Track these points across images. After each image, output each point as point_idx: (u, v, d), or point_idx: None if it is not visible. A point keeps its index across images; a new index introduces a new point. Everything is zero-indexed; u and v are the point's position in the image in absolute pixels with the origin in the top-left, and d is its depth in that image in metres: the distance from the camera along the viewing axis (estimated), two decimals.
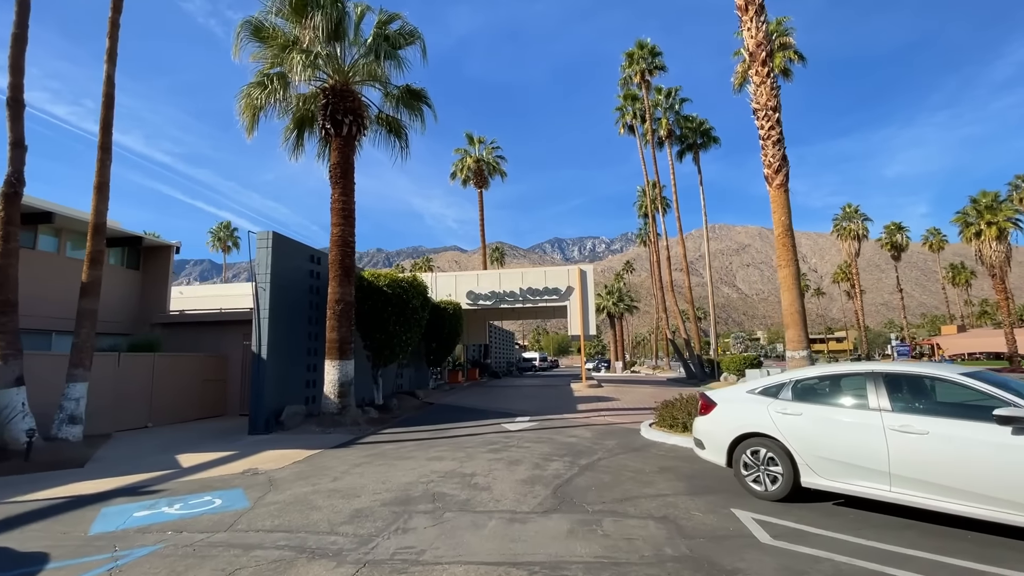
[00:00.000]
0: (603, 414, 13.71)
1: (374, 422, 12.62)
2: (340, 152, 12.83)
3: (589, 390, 22.30)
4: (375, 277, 14.84)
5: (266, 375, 11.71)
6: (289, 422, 11.75)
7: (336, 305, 12.23)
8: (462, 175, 38.03)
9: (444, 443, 9.79)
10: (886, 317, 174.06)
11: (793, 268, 10.46)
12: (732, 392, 6.34)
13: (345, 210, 12.62)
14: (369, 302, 14.62)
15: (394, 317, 14.77)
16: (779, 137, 10.84)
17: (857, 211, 58.02)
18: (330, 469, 7.79)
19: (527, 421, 12.46)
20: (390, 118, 14.86)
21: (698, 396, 6.89)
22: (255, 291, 12.00)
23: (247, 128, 13.07)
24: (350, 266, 12.56)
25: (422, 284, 16.06)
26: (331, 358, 12.10)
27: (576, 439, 9.86)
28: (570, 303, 24.04)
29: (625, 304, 53.54)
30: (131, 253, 16.84)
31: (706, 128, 34.56)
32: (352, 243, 12.71)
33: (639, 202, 52.49)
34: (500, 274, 25.01)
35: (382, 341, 14.85)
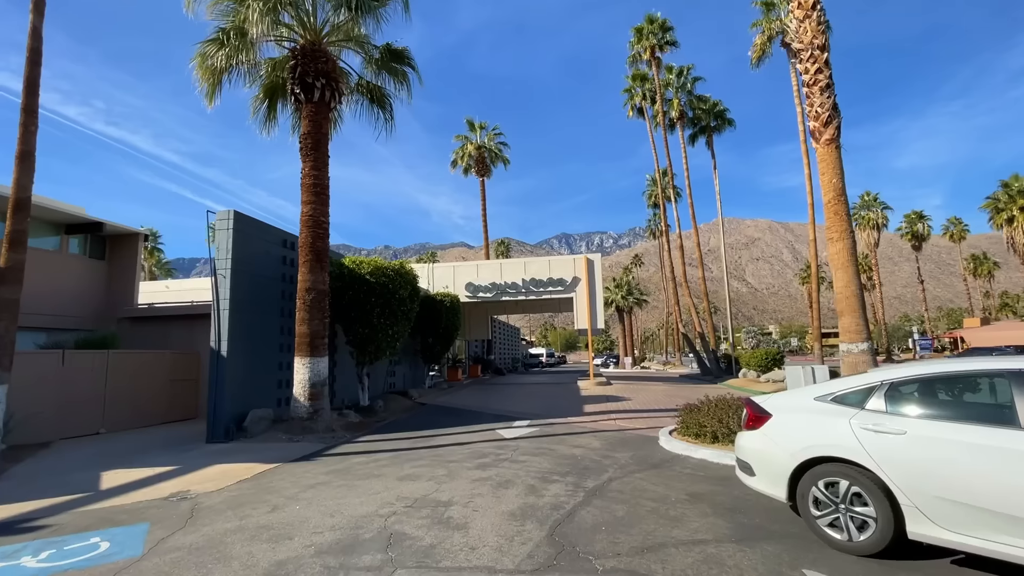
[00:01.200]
0: (613, 417, 12.10)
1: (352, 427, 11.10)
2: (311, 120, 11.27)
3: (597, 388, 20.69)
4: (357, 264, 13.31)
5: (227, 375, 10.22)
6: (253, 429, 10.26)
7: (306, 294, 10.70)
8: (463, 163, 36.43)
9: (424, 455, 8.24)
10: (899, 311, 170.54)
11: (848, 242, 8.69)
12: (791, 399, 4.71)
13: (317, 186, 11.07)
14: (350, 292, 13.10)
15: (378, 309, 13.24)
16: (828, 82, 9.02)
17: (876, 199, 55.77)
18: (276, 492, 6.27)
19: (526, 426, 10.88)
20: (372, 86, 13.28)
21: (742, 402, 5.26)
22: (213, 280, 10.50)
23: (207, 95, 11.55)
24: (323, 250, 11.02)
25: (411, 273, 14.51)
26: (301, 355, 10.58)
27: (582, 450, 8.27)
28: (576, 295, 22.40)
29: (634, 298, 51.75)
30: (95, 242, 15.43)
31: (720, 110, 32.64)
32: (325, 224, 11.16)
33: (648, 191, 50.63)
34: (501, 264, 23.41)
35: (366, 336, 13.33)
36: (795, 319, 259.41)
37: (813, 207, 22.91)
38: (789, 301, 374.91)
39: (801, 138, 23.18)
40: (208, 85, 11.40)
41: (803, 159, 23.14)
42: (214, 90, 11.55)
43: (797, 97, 23.38)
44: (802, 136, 23.28)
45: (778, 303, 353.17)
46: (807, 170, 23.05)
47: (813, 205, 22.92)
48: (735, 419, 7.41)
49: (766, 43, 24.21)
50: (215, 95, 11.63)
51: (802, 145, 23.23)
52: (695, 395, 18.02)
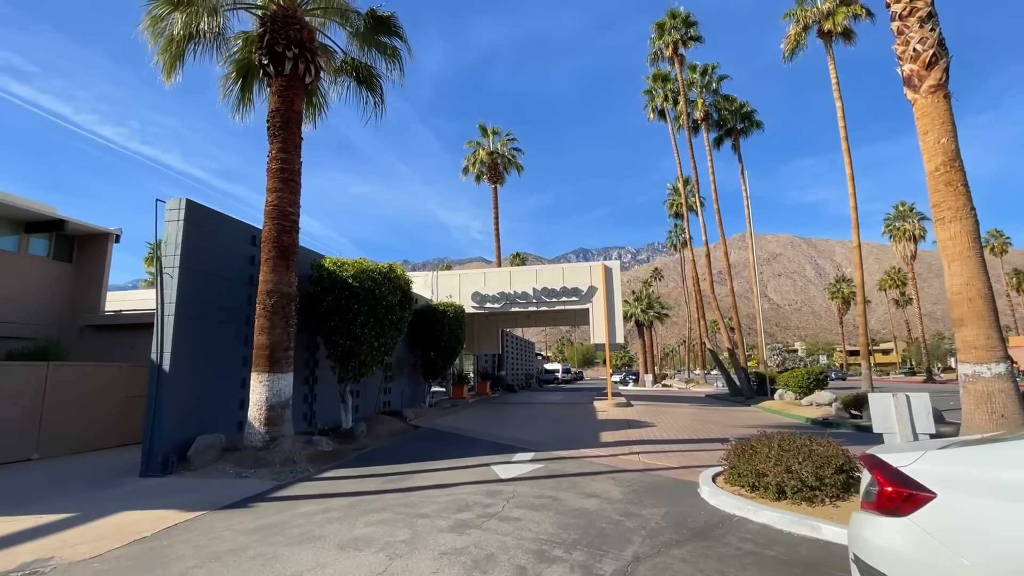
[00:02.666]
0: (636, 450, 10.04)
1: (321, 458, 9.25)
2: (281, 96, 9.67)
3: (616, 410, 18.55)
4: (338, 266, 11.60)
5: (169, 394, 8.50)
6: (198, 460, 8.49)
7: (267, 297, 8.98)
8: (474, 169, 34.92)
9: (391, 504, 6.33)
10: (930, 328, 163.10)
11: (968, 223, 6.46)
12: (969, 464, 2.70)
13: (285, 171, 9.41)
14: (330, 298, 11.38)
15: (362, 317, 11.47)
16: (930, 10, 6.96)
17: (912, 209, 52.63)
18: (165, 564, 4.45)
19: (529, 461, 8.90)
20: (358, 64, 11.70)
21: (861, 462, 3.19)
22: (159, 280, 8.85)
23: (165, 70, 10.06)
24: (289, 246, 9.31)
25: (402, 277, 12.75)
26: (259, 370, 8.82)
27: (597, 502, 6.26)
28: (593, 306, 20.40)
29: (655, 311, 49.33)
30: (61, 243, 14.05)
31: (747, 111, 30.60)
32: (293, 215, 9.47)
33: (670, 200, 48.50)
34: (511, 272, 21.56)
35: (348, 348, 11.56)
36: (820, 336, 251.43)
37: (857, 219, 20.71)
38: (813, 318, 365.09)
39: (843, 135, 21.02)
40: (166, 57, 9.92)
41: (844, 158, 20.98)
42: (174, 64, 10.05)
43: (837, 91, 21.30)
44: (843, 134, 21.14)
45: (801, 320, 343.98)
46: (851, 184, 20.88)
47: (857, 211, 20.71)
48: (809, 467, 5.36)
49: (800, 33, 22.25)
50: (175, 70, 10.13)
51: (843, 143, 21.06)
52: (729, 420, 15.87)
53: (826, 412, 15.56)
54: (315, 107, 12.46)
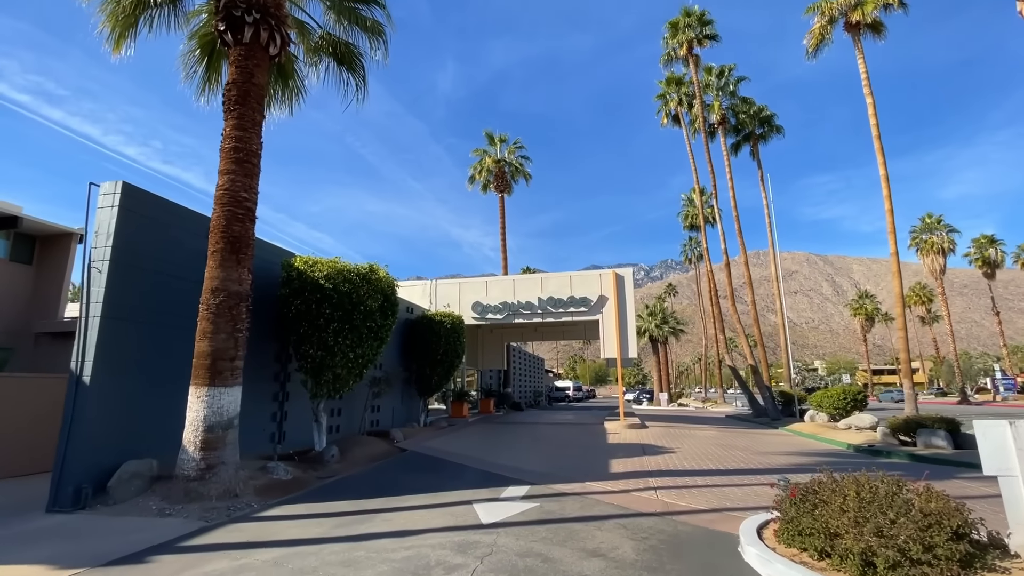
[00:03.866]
0: (653, 483, 8.34)
1: (272, 489, 7.72)
2: (239, 67, 8.39)
3: (628, 432, 16.77)
4: (309, 265, 10.20)
5: (90, 412, 7.09)
6: (120, 491, 7.01)
7: (212, 297, 7.56)
8: (481, 178, 33.73)
9: (327, 561, 4.76)
10: (952, 348, 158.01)
11: None
12: None
13: (240, 151, 8.07)
14: (298, 301, 9.96)
15: (335, 324, 10.02)
16: None
17: (940, 221, 50.26)
18: None
19: (520, 499, 7.26)
20: (336, 41, 10.48)
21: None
22: (84, 275, 7.51)
23: (113, 40, 8.90)
24: (241, 237, 7.92)
25: (384, 280, 11.30)
26: (197, 383, 7.37)
27: (602, 566, 4.62)
28: (603, 317, 18.76)
29: (670, 327, 47.28)
30: (21, 243, 12.89)
31: (767, 115, 29.08)
32: (248, 203, 8.10)
33: (685, 211, 46.80)
34: (514, 281, 20.03)
35: (320, 360, 10.09)
36: (838, 354, 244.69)
37: (894, 224, 18.96)
38: (831, 336, 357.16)
39: (875, 133, 19.37)
40: (113, 25, 8.75)
41: (877, 158, 19.28)
42: (124, 33, 8.89)
43: (867, 87, 19.73)
44: (875, 132, 19.49)
45: (819, 338, 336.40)
46: (885, 185, 19.18)
47: (893, 214, 18.95)
48: (910, 529, 3.69)
49: (825, 27, 20.75)
50: (125, 40, 8.95)
51: (876, 142, 19.40)
52: (758, 446, 14.01)
53: (870, 437, 13.66)
54: (292, 91, 11.25)
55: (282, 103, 11.26)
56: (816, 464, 10.92)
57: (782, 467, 9.90)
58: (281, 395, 11.13)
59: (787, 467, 9.92)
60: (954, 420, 12.18)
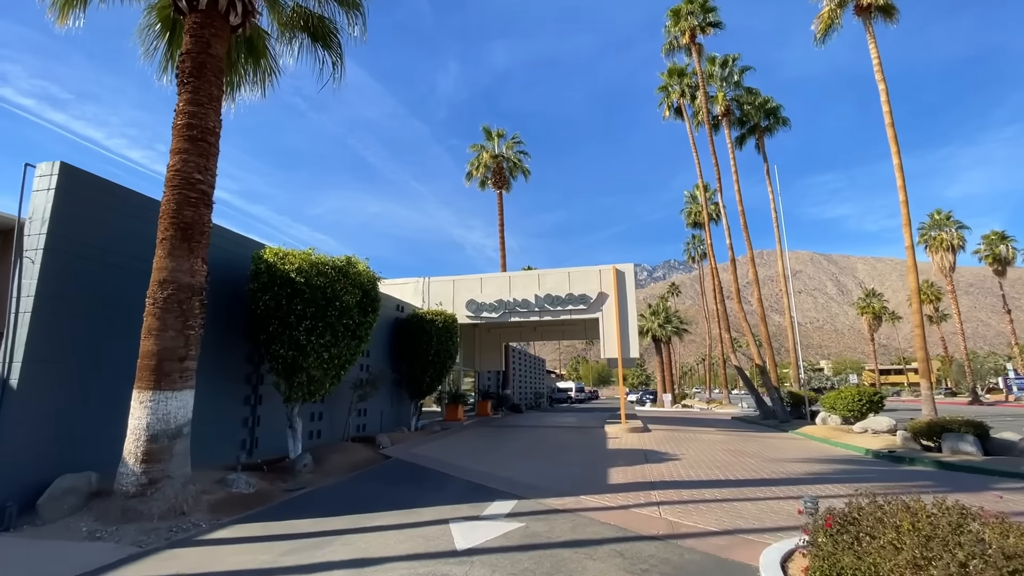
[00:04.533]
0: (655, 497, 7.47)
1: (229, 505, 6.88)
2: (195, 36, 7.58)
3: (630, 436, 15.89)
4: (279, 257, 9.37)
5: (18, 419, 6.28)
6: (50, 510, 6.18)
7: (159, 289, 6.74)
8: (478, 174, 32.84)
9: None
10: (959, 347, 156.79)
11: None
12: None
13: (194, 127, 7.25)
14: (267, 296, 9.14)
15: (308, 321, 9.19)
16: None
17: (949, 218, 49.16)
18: None
19: (505, 517, 6.40)
20: (310, 15, 9.65)
21: None
22: (14, 266, 6.70)
23: (58, 9, 8.10)
24: (194, 223, 7.08)
25: (364, 274, 10.47)
26: (141, 386, 6.54)
27: None
28: (603, 315, 17.88)
29: (673, 326, 46.31)
30: None
31: (772, 106, 28.16)
32: (203, 185, 7.26)
33: (688, 209, 45.85)
34: (510, 278, 19.15)
35: (292, 361, 9.26)
36: (843, 354, 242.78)
37: (909, 215, 18.06)
38: (836, 336, 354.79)
39: (888, 120, 18.47)
40: None
41: (891, 147, 18.38)
42: (70, 1, 8.08)
43: (879, 73, 18.80)
44: (888, 120, 18.60)
45: (823, 338, 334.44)
46: (899, 175, 18.30)
47: (909, 216, 18.09)
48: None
49: (835, 11, 19.83)
50: (73, 9, 8.15)
51: (889, 130, 18.50)
52: (769, 451, 13.07)
53: (889, 442, 12.74)
54: (264, 70, 10.42)
55: (254, 84, 10.44)
56: (835, 473, 10.05)
57: (798, 476, 9.02)
58: (254, 398, 10.31)
59: (804, 476, 9.03)
60: (982, 424, 11.26)
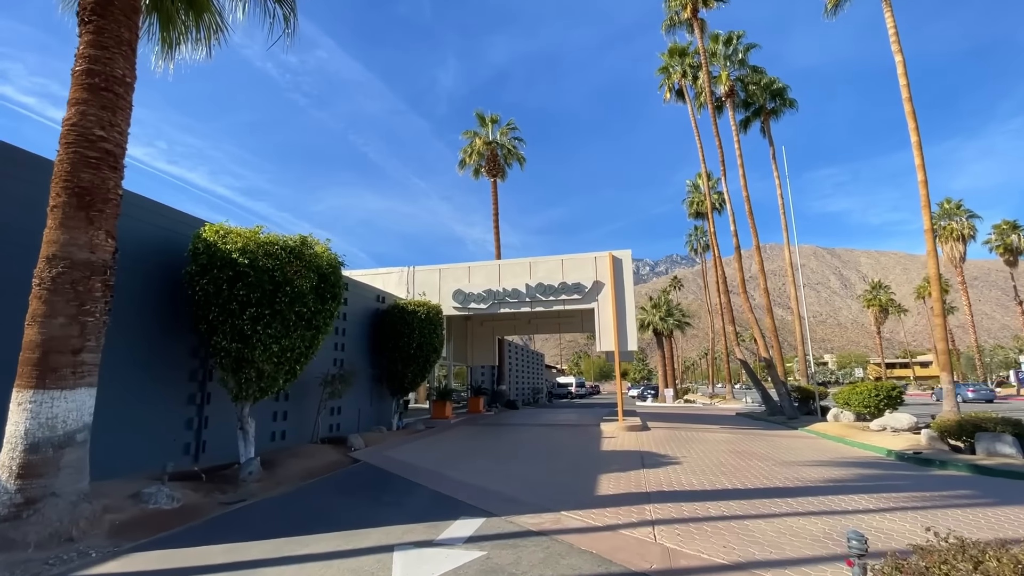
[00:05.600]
0: (650, 514, 6.29)
1: (137, 526, 5.73)
2: None
3: (627, 435, 14.72)
4: (220, 236, 8.19)
5: None
6: None
7: (48, 267, 5.58)
8: (472, 162, 31.61)
9: None
10: (962, 340, 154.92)
11: None
12: None
13: (97, 74, 6.06)
14: (205, 280, 7.97)
15: (253, 309, 8.02)
16: None
17: (959, 207, 47.80)
18: None
19: (463, 543, 5.23)
20: None
21: None
22: None
23: None
24: (94, 188, 5.90)
25: (323, 256, 9.28)
26: (22, 384, 5.39)
27: None
28: (599, 305, 16.68)
29: (675, 319, 45.07)
30: None
31: (779, 87, 26.84)
32: (106, 144, 6.07)
33: (690, 198, 44.53)
34: (500, 265, 17.97)
35: (237, 354, 8.09)
36: (846, 348, 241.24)
37: (928, 196, 16.87)
38: (839, 330, 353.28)
39: (905, 95, 17.21)
40: None
41: (909, 123, 17.12)
42: None
43: (896, 42, 17.52)
44: (906, 94, 17.35)
45: (827, 332, 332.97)
46: (918, 154, 17.09)
47: (928, 198, 16.88)
48: None
49: None
50: None
51: (906, 105, 17.23)
52: (779, 452, 11.82)
53: (912, 442, 11.54)
54: (209, 27, 9.23)
55: (197, 42, 9.25)
56: (859, 479, 8.85)
57: (818, 484, 7.84)
58: (200, 397, 9.17)
59: (824, 484, 7.85)
60: (1021, 422, 10.06)
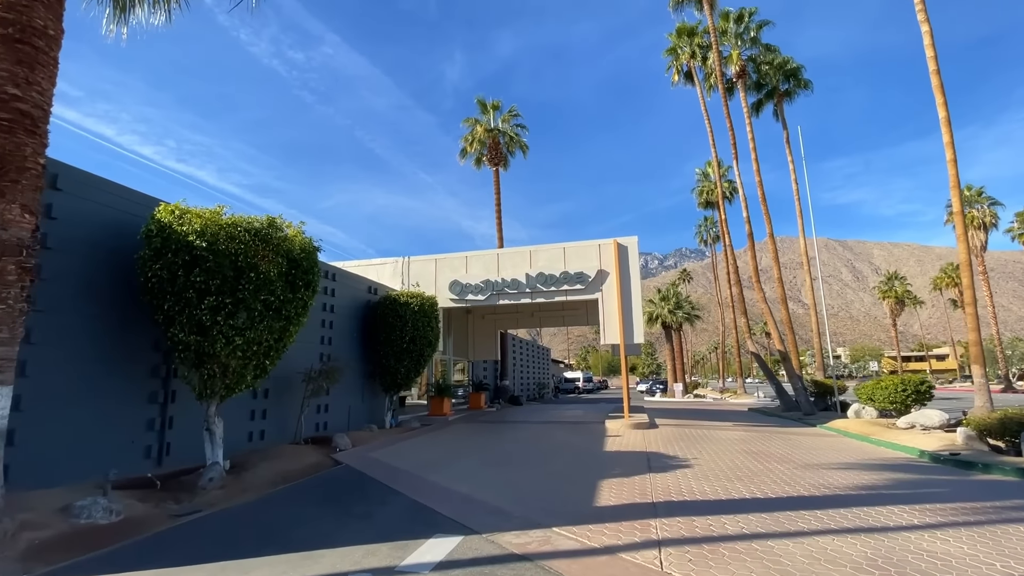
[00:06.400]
0: (655, 532, 5.40)
1: (58, 547, 4.95)
2: None
3: (633, 433, 13.83)
4: (176, 217, 7.37)
5: None
6: None
7: None
8: (473, 150, 30.66)
9: None
10: (983, 334, 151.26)
11: None
12: None
13: (12, 24, 5.22)
14: (158, 265, 7.17)
15: (212, 297, 7.20)
16: None
17: (981, 193, 46.14)
18: None
19: (429, 571, 4.38)
20: None
21: None
22: None
23: None
24: (5, 155, 5.07)
25: (297, 239, 8.45)
26: None
27: None
28: (603, 296, 15.75)
29: (684, 312, 43.97)
30: None
31: (792, 67, 25.60)
32: (20, 103, 5.23)
33: (699, 187, 43.30)
34: (498, 255, 17.07)
35: (197, 347, 7.30)
36: (858, 341, 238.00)
37: (958, 183, 15.82)
38: (851, 323, 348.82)
39: (932, 67, 16.03)
40: None
41: (937, 97, 15.97)
42: None
43: (922, 11, 16.29)
44: (933, 66, 16.16)
45: (838, 325, 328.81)
46: (946, 131, 15.97)
47: (958, 177, 15.81)
48: None
49: None
50: None
51: (934, 78, 16.06)
52: (800, 452, 10.58)
53: (946, 441, 10.53)
54: None
55: (155, 5, 8.44)
56: (894, 485, 7.85)
57: (848, 492, 6.90)
58: (164, 394, 8.40)
59: (856, 492, 6.91)
60: None
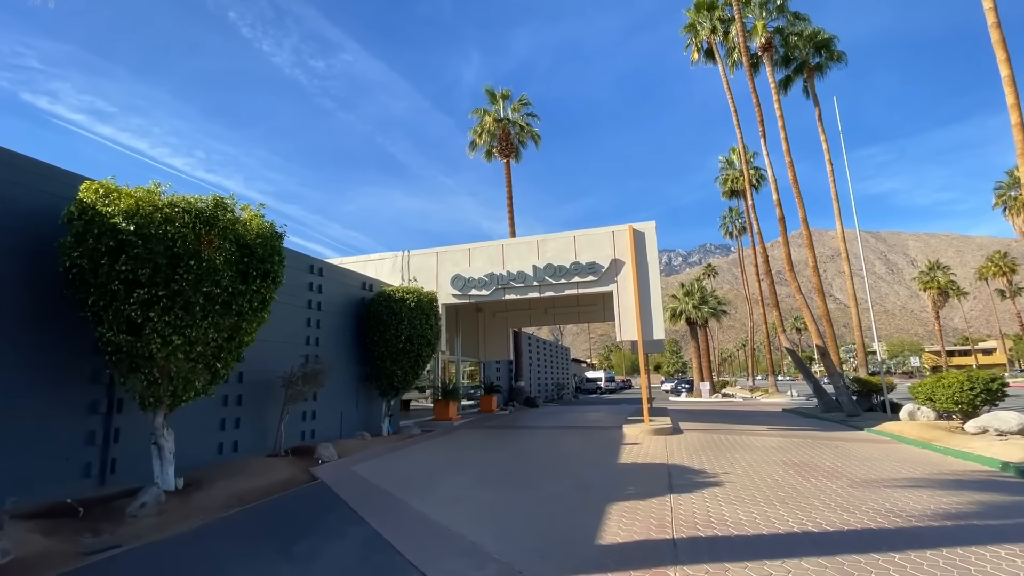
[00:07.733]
0: None
1: None
2: None
3: (653, 441, 12.37)
4: (101, 196, 6.30)
5: None
6: None
7: None
8: (482, 142, 29.46)
9: None
10: (1014, 328, 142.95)
11: None
12: None
13: None
14: (77, 253, 6.11)
15: (143, 290, 6.11)
16: None
17: None
18: None
19: None
20: None
21: None
22: None
23: None
24: None
25: (252, 221, 7.32)
26: None
27: None
28: (618, 287, 14.31)
29: (710, 308, 41.87)
30: None
31: (824, 38, 23.61)
32: None
33: (723, 175, 41.20)
34: (503, 246, 15.76)
35: (130, 348, 6.22)
36: (893, 336, 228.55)
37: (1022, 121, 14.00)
38: (886, 317, 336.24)
39: (995, 37, 14.19)
40: None
41: (1001, 70, 14.15)
42: None
43: None
44: (996, 36, 14.35)
45: (873, 320, 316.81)
46: (1012, 98, 14.17)
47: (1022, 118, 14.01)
48: None
49: None
50: None
51: (999, 53, 14.26)
52: (852, 465, 8.58)
53: None
54: None
55: None
56: (983, 510, 6.12)
57: (924, 518, 5.37)
58: (108, 403, 7.38)
59: (933, 518, 5.38)
60: None
